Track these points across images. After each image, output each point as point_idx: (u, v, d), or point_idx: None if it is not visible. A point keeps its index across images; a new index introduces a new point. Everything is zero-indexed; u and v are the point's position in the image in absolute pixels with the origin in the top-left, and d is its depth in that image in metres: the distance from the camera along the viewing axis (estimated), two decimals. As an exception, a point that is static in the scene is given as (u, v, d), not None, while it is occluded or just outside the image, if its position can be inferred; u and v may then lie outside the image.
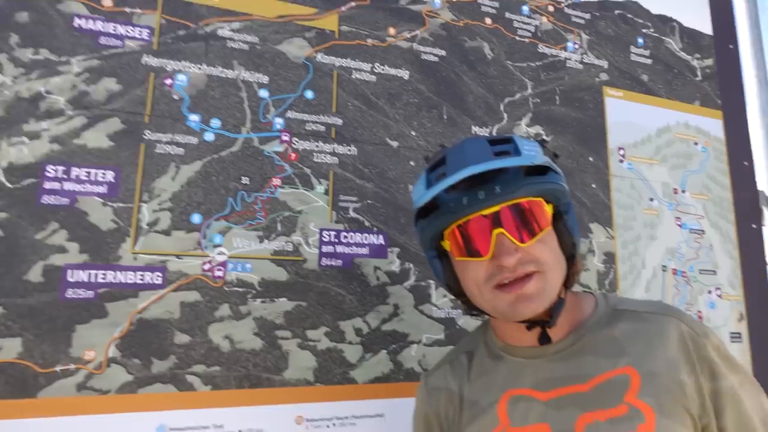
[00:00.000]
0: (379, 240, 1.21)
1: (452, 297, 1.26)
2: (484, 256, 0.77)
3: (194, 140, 1.09)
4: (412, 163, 1.27)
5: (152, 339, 1.00)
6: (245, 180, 1.11)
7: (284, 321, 1.10)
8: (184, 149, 1.07)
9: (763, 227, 1.79)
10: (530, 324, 0.80)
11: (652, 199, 1.60)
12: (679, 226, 1.63)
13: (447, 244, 0.81)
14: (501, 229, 0.76)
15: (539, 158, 0.78)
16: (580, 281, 0.90)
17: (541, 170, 0.79)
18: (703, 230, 1.66)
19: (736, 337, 1.64)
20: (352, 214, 1.19)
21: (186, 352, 1.01)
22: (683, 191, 1.65)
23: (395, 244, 1.23)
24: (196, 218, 1.06)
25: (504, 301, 0.76)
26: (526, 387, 0.81)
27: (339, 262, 1.16)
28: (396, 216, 1.24)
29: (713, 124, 1.75)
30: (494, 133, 1.40)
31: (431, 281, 1.25)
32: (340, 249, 1.17)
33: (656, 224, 1.59)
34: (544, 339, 0.80)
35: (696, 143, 1.71)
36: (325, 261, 1.15)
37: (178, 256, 1.03)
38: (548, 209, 0.79)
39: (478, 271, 0.78)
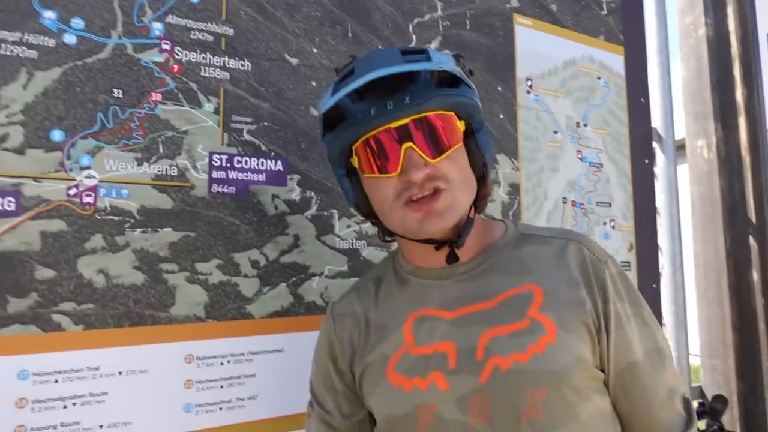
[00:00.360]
0: (278, 166, 1.12)
1: (356, 228, 1.21)
2: (393, 171, 0.74)
3: (50, 42, 0.91)
4: (313, 83, 1.17)
5: (6, 274, 0.86)
6: (117, 93, 0.96)
7: (169, 253, 0.99)
8: (37, 52, 0.90)
9: (654, 162, 1.89)
10: (438, 244, 0.79)
11: (556, 132, 1.61)
12: (580, 159, 1.66)
13: (355, 161, 0.78)
14: (410, 144, 0.73)
15: (450, 66, 0.74)
16: (485, 208, 0.88)
17: (453, 82, 0.76)
18: (601, 164, 1.71)
19: (625, 265, 1.73)
20: (246, 136, 1.09)
21: (50, 289, 0.88)
22: (585, 125, 1.68)
23: (295, 170, 1.14)
24: (56, 135, 0.90)
25: (413, 219, 0.75)
26: (433, 307, 0.80)
27: (232, 190, 1.06)
28: (296, 140, 1.14)
29: (615, 60, 1.78)
30: (402, 56, 1.32)
31: (334, 211, 1.18)
32: (233, 175, 1.06)
33: (559, 157, 1.61)
34: (452, 258, 0.79)
35: (599, 78, 1.73)
36: (215, 188, 1.04)
37: (35, 179, 0.89)
38: (460, 125, 0.77)
39: (387, 188, 0.75)
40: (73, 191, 0.91)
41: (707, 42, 1.99)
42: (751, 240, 1.95)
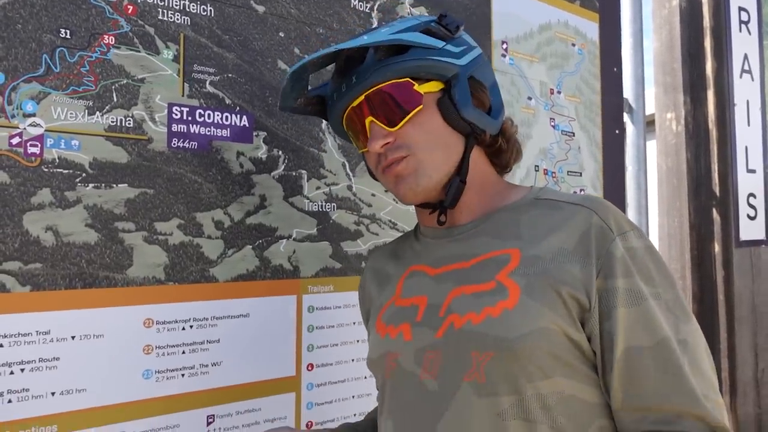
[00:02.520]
0: (243, 121, 1.05)
1: (326, 190, 1.16)
2: (366, 146, 0.78)
3: (-13, -27, 0.82)
4: (281, 34, 1.10)
5: (-59, 230, 0.78)
6: (65, 33, 0.87)
7: (125, 211, 0.92)
8: (-29, -16, 0.81)
9: (624, 133, 1.89)
10: (431, 207, 0.81)
11: (530, 98, 1.58)
12: (553, 127, 1.65)
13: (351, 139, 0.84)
14: (370, 117, 0.76)
15: (384, 36, 0.74)
16: (508, 166, 0.85)
17: (399, 50, 0.75)
18: (573, 132, 1.70)
19: (594, 234, 1.74)
20: (209, 88, 1.01)
21: (-8, 246, 0.81)
22: (559, 92, 1.66)
23: (262, 127, 1.08)
24: (-5, 77, 0.82)
25: (388, 185, 0.79)
26: (425, 264, 0.82)
27: (193, 145, 0.99)
28: (263, 95, 1.08)
29: (590, 27, 1.76)
30: (375, 10, 1.26)
31: (303, 171, 1.13)
32: (194, 129, 0.99)
33: (532, 123, 1.59)
34: (440, 221, 0.80)
35: (574, 44, 1.71)
36: (176, 142, 0.97)
37: (-28, 126, 0.80)
38: (426, 87, 0.76)
39: (370, 160, 0.81)
40: (15, 140, 0.83)
41: (680, 13, 1.98)
42: (715, 213, 1.98)
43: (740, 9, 1.90)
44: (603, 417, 0.69)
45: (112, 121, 0.91)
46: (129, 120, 0.93)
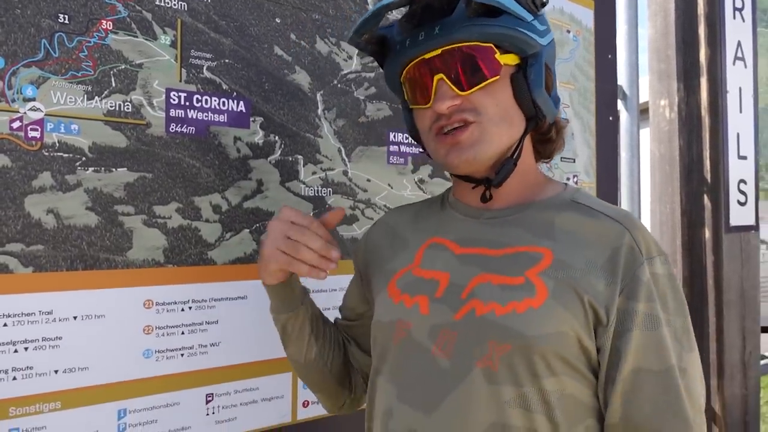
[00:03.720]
0: (240, 107, 1.07)
1: (322, 175, 1.18)
2: (426, 103, 0.75)
3: (-14, -42, 0.83)
4: (278, 20, 1.11)
5: (-55, 212, 0.80)
6: (63, 18, 0.88)
7: (125, 194, 0.94)
8: (-30, -32, 0.82)
9: (618, 120, 1.91)
10: (476, 182, 0.79)
11: (524, 85, 1.60)
12: (547, 113, 1.66)
13: (405, 92, 0.81)
14: (441, 75, 0.73)
15: None
16: (551, 155, 0.86)
17: (493, 12, 0.71)
18: (567, 119, 1.72)
19: (586, 220, 1.77)
20: (206, 73, 1.03)
21: (-6, 228, 0.83)
22: (553, 79, 1.68)
23: (258, 112, 1.09)
24: (-5, 62, 0.83)
25: (441, 150, 0.76)
26: (450, 239, 0.81)
27: (191, 130, 1.01)
28: (259, 80, 1.09)
29: (586, 14, 1.77)
30: (371, -4, 1.27)
31: (299, 156, 1.15)
32: (192, 114, 1.01)
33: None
34: (485, 198, 0.78)
35: (569, 31, 1.72)
36: (174, 127, 0.99)
37: (-27, 110, 0.82)
38: (505, 58, 0.73)
39: (424, 120, 0.78)
40: (16, 124, 0.84)
41: (675, 0, 1.99)
42: (706, 199, 2.01)
43: (735, -4, 1.92)
44: (592, 417, 0.73)
45: (111, 106, 0.93)
46: (127, 105, 0.94)
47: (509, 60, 0.74)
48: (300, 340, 0.91)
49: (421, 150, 0.88)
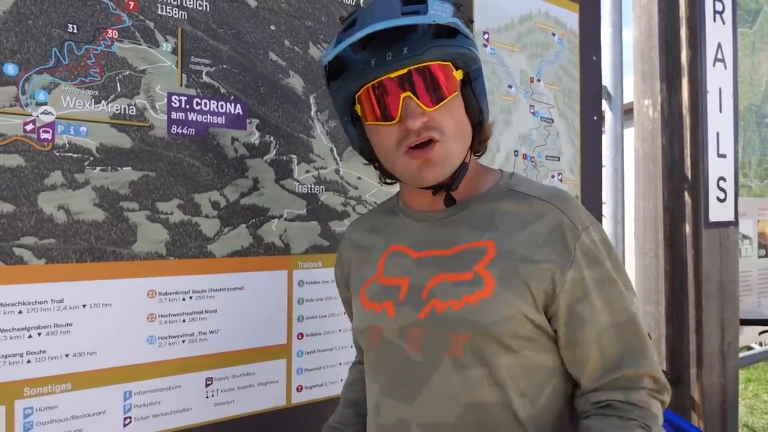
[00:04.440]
0: (237, 109, 1.13)
1: (315, 173, 1.25)
2: (391, 120, 0.78)
3: (1, -27, 0.90)
4: (272, 27, 1.18)
5: (-35, 208, 0.87)
6: (72, 28, 0.95)
7: (130, 192, 1.01)
8: (-13, -17, 0.88)
9: (602, 119, 1.98)
10: (435, 188, 0.83)
11: (510, 86, 1.67)
12: (532, 113, 1.73)
13: (359, 108, 0.82)
14: (409, 93, 0.76)
15: (446, 18, 0.75)
16: (484, 151, 0.91)
17: (450, 33, 0.78)
18: (552, 119, 1.79)
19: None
20: (205, 78, 1.09)
21: (10, 223, 0.90)
22: (539, 80, 1.75)
23: (254, 114, 1.16)
24: (10, 69, 0.90)
25: (413, 166, 0.79)
26: (406, 245, 0.88)
27: (191, 131, 1.08)
28: (255, 84, 1.16)
29: (570, 17, 1.84)
30: (362, 4, 1.33)
31: (293, 156, 1.21)
32: (192, 117, 1.08)
33: (512, 110, 1.67)
34: (450, 200, 0.84)
35: (554, 34, 1.79)
36: (175, 129, 1.06)
37: (-10, 114, 0.88)
38: (457, 75, 0.79)
39: (388, 136, 0.79)
40: (29, 126, 0.91)
41: (658, 3, 2.06)
42: (686, 195, 2.08)
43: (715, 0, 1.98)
44: (556, 377, 0.82)
45: (117, 110, 0.99)
46: (132, 108, 1.01)
47: (459, 76, 0.80)
48: None
49: (371, 164, 0.90)
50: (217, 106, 1.11)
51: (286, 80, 1.20)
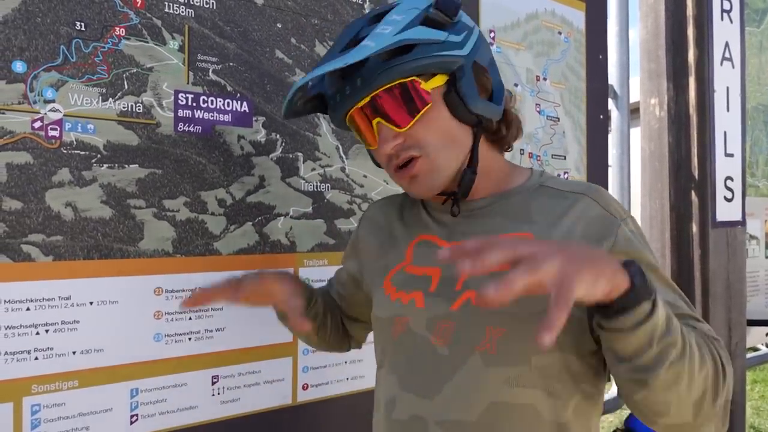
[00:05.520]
0: (243, 107, 1.13)
1: (321, 171, 1.25)
2: (374, 145, 0.80)
3: (9, -29, 0.90)
4: (279, 25, 1.18)
5: (-27, 205, 0.87)
6: (80, 26, 0.95)
7: (137, 189, 1.01)
8: (-5, -20, 0.89)
9: (608, 118, 1.97)
10: (444, 195, 0.83)
11: (516, 85, 1.66)
12: (538, 112, 1.73)
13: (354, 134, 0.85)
14: (377, 119, 0.77)
15: (382, 43, 0.72)
16: (509, 146, 0.89)
17: (405, 49, 0.75)
18: (558, 117, 1.78)
19: (576, 215, 1.83)
20: (212, 76, 1.10)
21: (18, 220, 0.90)
22: (545, 79, 1.74)
23: (260, 112, 1.16)
24: (18, 66, 0.90)
25: (403, 183, 0.81)
26: (436, 234, 0.86)
27: (198, 129, 1.08)
28: (261, 82, 1.16)
29: (576, 16, 1.83)
30: (368, 1, 1.33)
31: (299, 153, 1.21)
32: (198, 114, 1.08)
33: (518, 109, 1.66)
34: (455, 211, 0.83)
35: (560, 33, 1.78)
36: (181, 126, 1.06)
37: (-1, 111, 0.89)
38: (432, 83, 0.76)
39: (378, 157, 0.82)
40: (37, 124, 0.91)
41: (665, 2, 2.05)
42: (693, 195, 2.07)
43: (722, -2, 1.97)
44: (585, 382, 0.78)
45: (124, 107, 1.00)
46: (139, 106, 1.01)
47: (437, 82, 0.76)
48: (300, 334, 1.02)
49: None
50: (223, 104, 1.11)
51: (292, 78, 1.20)
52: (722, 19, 1.96)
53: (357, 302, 1.03)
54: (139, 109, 1.01)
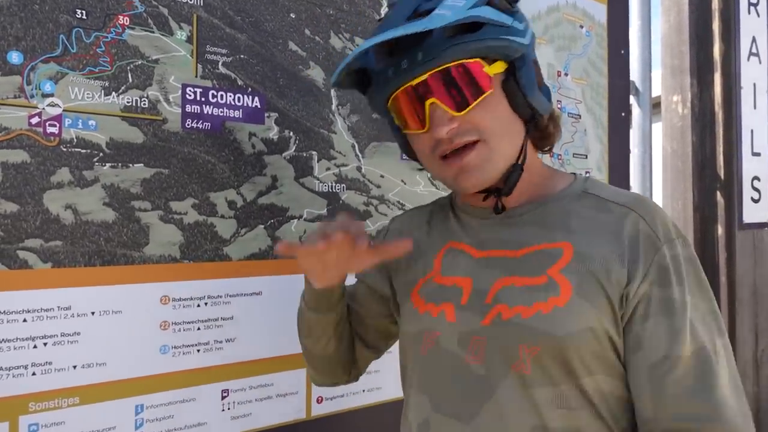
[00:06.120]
0: (255, 102, 1.06)
1: (336, 171, 1.18)
2: (422, 128, 0.73)
3: (4, -46, 0.83)
4: (292, 15, 1.11)
5: (-35, 207, 0.80)
6: (81, 14, 0.88)
7: (142, 190, 0.94)
8: (-11, -36, 0.82)
9: (630, 115, 1.89)
10: (485, 193, 0.77)
11: (537, 80, 1.59)
12: (560, 108, 1.65)
13: (394, 117, 0.78)
14: (432, 99, 0.70)
15: (452, 17, 0.66)
16: (551, 148, 0.83)
17: (472, 27, 0.69)
18: (579, 115, 1.71)
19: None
20: (221, 69, 1.03)
21: (14, 224, 0.83)
22: (566, 74, 1.67)
23: (273, 108, 1.09)
24: (14, 57, 0.83)
25: (448, 174, 0.74)
26: (466, 242, 0.80)
27: (207, 125, 1.01)
28: (274, 76, 1.09)
29: (598, 9, 1.76)
30: (385, -9, 1.26)
31: (314, 152, 1.14)
32: (207, 110, 1.01)
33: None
34: (498, 209, 0.77)
35: (582, 26, 1.71)
36: (189, 123, 0.99)
37: (-7, 106, 0.82)
38: (494, 68, 0.71)
39: (422, 144, 0.75)
40: (35, 120, 0.85)
41: (688, -5, 1.97)
42: (719, 195, 1.99)
43: (749, -9, 1.89)
44: (631, 410, 0.71)
45: (128, 102, 0.93)
46: (144, 100, 0.94)
47: (497, 68, 0.71)
48: (322, 338, 0.89)
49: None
50: (234, 99, 1.04)
51: (306, 72, 1.13)
52: (749, 12, 1.88)
53: (371, 322, 0.94)
54: (144, 104, 0.94)
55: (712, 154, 1.99)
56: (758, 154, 1.97)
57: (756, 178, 1.97)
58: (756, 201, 1.97)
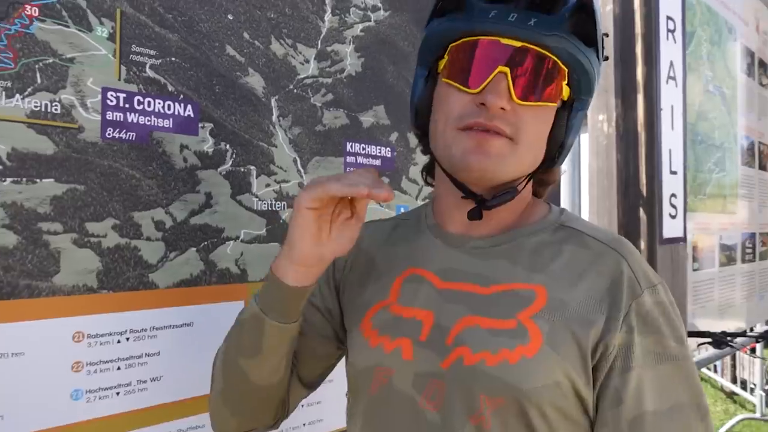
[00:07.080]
0: (187, 111, 0.95)
1: (276, 188, 1.09)
2: (474, 87, 0.65)
3: None
4: (230, 16, 1.01)
5: None
6: (-23, 1, 0.74)
7: (51, 210, 0.81)
8: None
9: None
10: (469, 194, 0.70)
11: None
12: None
13: (443, 62, 0.69)
14: (506, 69, 0.64)
15: (595, 26, 0.66)
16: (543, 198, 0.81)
17: (588, 41, 0.66)
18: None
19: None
20: (149, 72, 0.91)
21: None
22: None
23: (208, 118, 0.98)
24: None
25: (462, 146, 0.66)
26: (430, 270, 0.73)
27: (131, 135, 0.89)
28: (209, 83, 0.98)
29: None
30: (330, -3, 1.19)
31: (252, 167, 1.05)
32: (132, 118, 0.89)
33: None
34: (475, 214, 0.69)
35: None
36: (111, 132, 0.86)
37: None
38: (565, 90, 0.68)
39: (455, 104, 0.67)
40: None
41: (614, 19, 2.06)
42: (641, 212, 2.09)
43: (668, 18, 2.00)
44: None
45: (36, 106, 0.79)
46: (56, 105, 0.81)
47: (566, 93, 0.68)
48: (272, 358, 0.73)
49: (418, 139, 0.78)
50: (163, 107, 0.92)
51: (244, 79, 1.03)
52: (668, 38, 1.99)
53: (312, 345, 0.83)
54: (55, 110, 0.81)
55: (636, 173, 2.08)
56: (675, 173, 2.09)
57: (673, 195, 2.08)
58: (673, 217, 2.08)
